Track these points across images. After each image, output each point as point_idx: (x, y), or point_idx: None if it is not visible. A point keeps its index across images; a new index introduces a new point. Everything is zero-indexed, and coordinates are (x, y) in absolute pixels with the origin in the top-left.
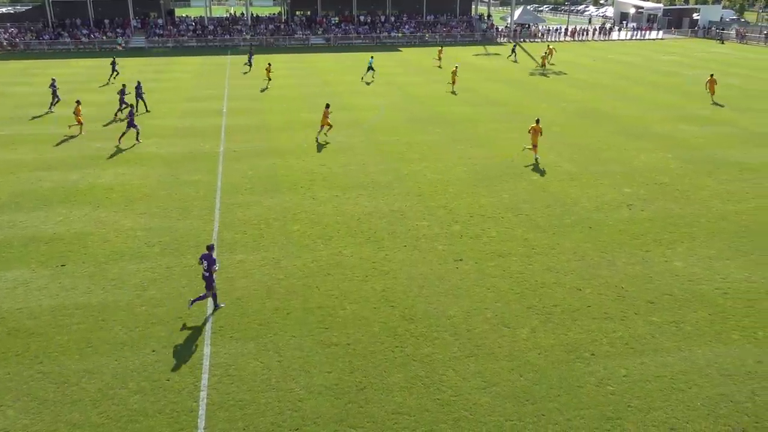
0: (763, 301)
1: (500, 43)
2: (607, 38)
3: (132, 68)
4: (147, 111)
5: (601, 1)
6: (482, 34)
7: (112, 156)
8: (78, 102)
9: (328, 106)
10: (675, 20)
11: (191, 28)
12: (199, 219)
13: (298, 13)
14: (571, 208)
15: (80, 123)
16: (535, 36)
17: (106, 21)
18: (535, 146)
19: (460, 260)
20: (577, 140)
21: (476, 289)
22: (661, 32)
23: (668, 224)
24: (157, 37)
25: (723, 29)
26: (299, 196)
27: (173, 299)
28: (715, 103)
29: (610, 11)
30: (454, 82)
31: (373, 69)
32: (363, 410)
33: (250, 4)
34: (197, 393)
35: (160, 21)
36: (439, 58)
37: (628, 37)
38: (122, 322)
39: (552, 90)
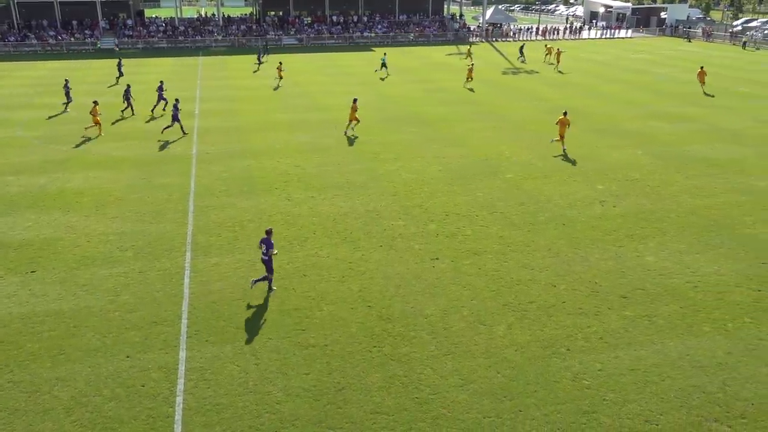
0: (732, 293)
1: (473, 43)
2: (577, 37)
3: (101, 70)
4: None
5: (571, 1)
6: (455, 34)
7: (81, 159)
8: (95, 103)
9: (355, 101)
10: (643, 19)
11: (161, 29)
12: (173, 222)
13: (270, 13)
14: (545, 205)
15: (98, 123)
16: (507, 35)
17: (74, 22)
18: (562, 137)
19: (436, 259)
20: (550, 137)
21: (452, 288)
22: (630, 31)
23: (640, 220)
24: (126, 38)
25: (690, 28)
26: (274, 198)
27: (147, 304)
28: (706, 94)
29: (580, 10)
30: (471, 79)
31: (386, 66)
32: (342, 411)
33: (222, 5)
34: (173, 398)
35: (129, 22)
36: (469, 55)
37: (598, 35)
38: (95, 329)
39: (525, 88)
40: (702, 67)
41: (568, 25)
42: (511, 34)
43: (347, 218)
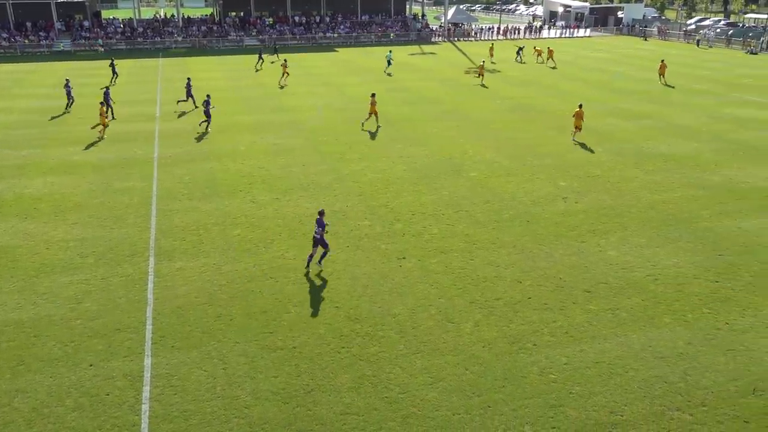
0: (691, 285)
1: (435, 43)
2: (538, 36)
3: (58, 73)
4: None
5: (531, 1)
6: (417, 34)
7: (40, 164)
8: (102, 103)
9: (373, 95)
10: (601, 18)
11: (120, 30)
12: (135, 227)
13: (231, 14)
14: (510, 202)
15: (104, 125)
16: (469, 35)
17: (28, 24)
18: (578, 128)
19: (403, 258)
20: (513, 136)
21: (420, 287)
22: (588, 30)
23: (601, 215)
24: (83, 40)
25: (646, 27)
26: (238, 200)
27: (110, 311)
28: (667, 85)
29: (539, 10)
30: (481, 76)
31: (391, 63)
32: (311, 413)
33: (181, 6)
34: (139, 406)
35: (86, 23)
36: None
37: (558, 35)
38: (56, 338)
39: (487, 88)
40: (663, 60)
41: (529, 25)
42: (473, 33)
43: (313, 219)
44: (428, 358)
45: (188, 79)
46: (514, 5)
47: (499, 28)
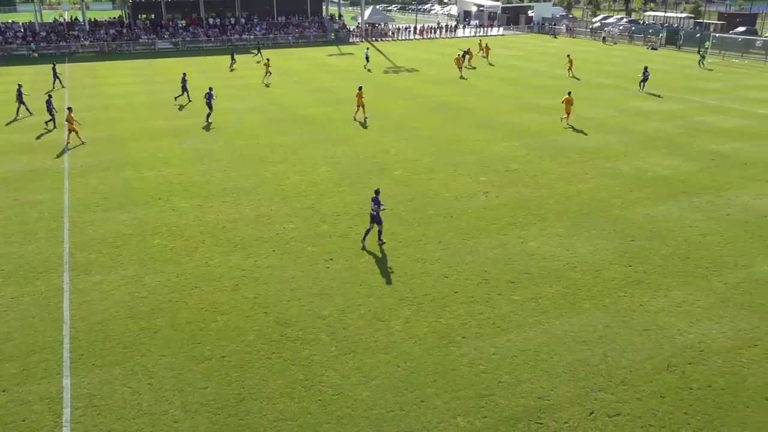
0: (607, 270)
1: (353, 43)
2: (453, 35)
3: None
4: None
5: (445, 0)
6: (335, 35)
7: None
8: (69, 109)
9: (360, 88)
10: (513, 17)
11: (20, 34)
12: (47, 241)
13: (141, 16)
14: (433, 199)
15: (75, 131)
16: (386, 35)
17: None
18: (568, 114)
19: (331, 260)
20: (434, 134)
21: (348, 287)
22: (501, 29)
23: (521, 208)
24: None
25: (555, 25)
26: (157, 209)
27: (23, 331)
28: (574, 77)
29: (454, 9)
30: (461, 68)
31: (368, 59)
32: (244, 422)
33: (87, 8)
34: (59, 430)
35: None
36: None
37: (473, 33)
38: None
39: (405, 87)
40: (569, 55)
41: (444, 24)
42: (390, 33)
43: (237, 225)
44: (360, 357)
45: (184, 74)
46: (429, 5)
47: (415, 28)
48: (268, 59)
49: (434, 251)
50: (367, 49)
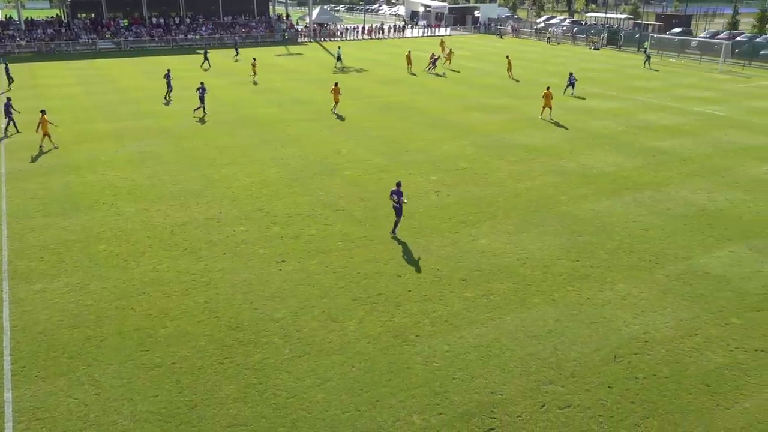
0: (555, 265)
1: (301, 43)
2: (401, 35)
3: None
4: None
5: (393, 1)
6: (282, 35)
7: None
8: (43, 112)
9: (336, 84)
10: (459, 18)
11: None
12: None
13: (81, 15)
14: (385, 199)
15: (48, 135)
16: (334, 35)
17: None
18: (549, 107)
19: (283, 261)
20: (385, 133)
21: (301, 289)
22: (448, 29)
23: (471, 206)
24: None
25: (500, 25)
26: (102, 214)
27: None
28: (514, 79)
29: (402, 10)
30: (436, 64)
31: (341, 59)
32: (196, 429)
33: (23, 6)
34: None
35: None
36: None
37: (420, 34)
38: None
39: (355, 87)
40: (507, 56)
41: (392, 25)
42: (338, 33)
43: (186, 228)
44: (314, 359)
45: (168, 70)
46: (377, 5)
47: (364, 28)
48: (254, 58)
49: (387, 251)
50: (339, 48)
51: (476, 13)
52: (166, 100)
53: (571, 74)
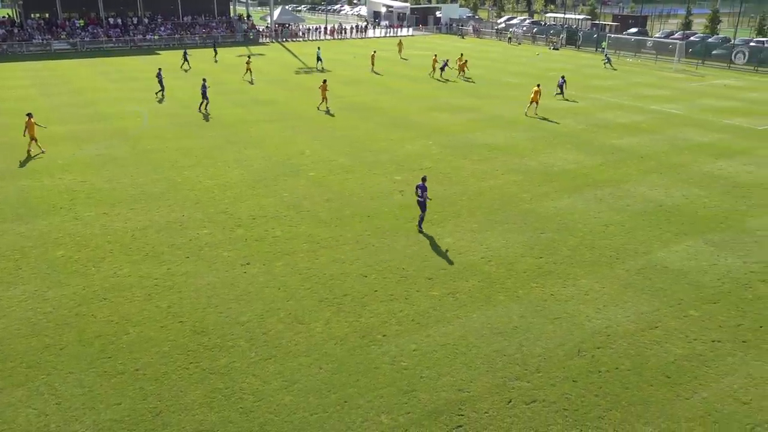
0: (519, 263)
1: (263, 44)
2: (364, 36)
3: None
4: None
5: (354, 1)
6: (243, 35)
7: None
8: (29, 115)
9: (325, 81)
10: (422, 18)
11: None
12: None
13: (34, 15)
14: (350, 199)
15: (35, 139)
16: (296, 36)
17: None
18: (537, 102)
19: (248, 264)
20: (348, 134)
21: (267, 291)
22: (410, 29)
23: (436, 205)
24: None
25: (462, 26)
26: (59, 219)
27: None
28: (467, 79)
29: (364, 10)
30: (433, 69)
31: (321, 59)
32: None
33: None
34: None
35: None
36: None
37: (383, 34)
38: None
39: (316, 87)
40: (462, 55)
41: (339, 27)
42: (300, 34)
43: (147, 232)
44: (281, 362)
45: (159, 69)
46: (339, 5)
47: (326, 28)
48: (249, 57)
49: (352, 251)
50: (318, 48)
51: (438, 14)
52: (159, 99)
53: (562, 77)
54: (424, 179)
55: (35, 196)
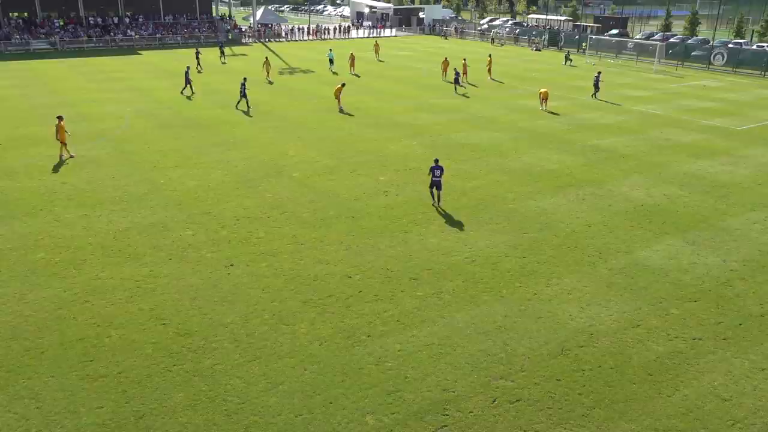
0: (503, 262)
1: (246, 44)
2: (347, 36)
3: None
4: None
5: (338, 1)
6: (226, 35)
7: None
8: (60, 118)
9: (344, 84)
10: (404, 19)
11: None
12: None
13: (12, 14)
14: (333, 200)
15: (65, 143)
16: (279, 36)
17: None
18: (545, 100)
19: (231, 265)
20: (332, 134)
21: (251, 292)
22: (394, 30)
23: (420, 205)
24: None
25: (445, 27)
26: (39, 220)
27: None
28: (448, 81)
29: (347, 11)
30: (445, 72)
31: (333, 62)
32: None
33: None
34: None
35: None
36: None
37: (366, 35)
38: None
39: (302, 88)
40: (446, 58)
41: (337, 25)
42: (284, 34)
43: (129, 234)
44: (266, 363)
45: (187, 67)
46: (322, 6)
47: (309, 29)
48: (267, 57)
49: (337, 252)
50: (330, 50)
51: (421, 14)
52: (189, 95)
53: (599, 73)
54: (436, 161)
55: (15, 198)
